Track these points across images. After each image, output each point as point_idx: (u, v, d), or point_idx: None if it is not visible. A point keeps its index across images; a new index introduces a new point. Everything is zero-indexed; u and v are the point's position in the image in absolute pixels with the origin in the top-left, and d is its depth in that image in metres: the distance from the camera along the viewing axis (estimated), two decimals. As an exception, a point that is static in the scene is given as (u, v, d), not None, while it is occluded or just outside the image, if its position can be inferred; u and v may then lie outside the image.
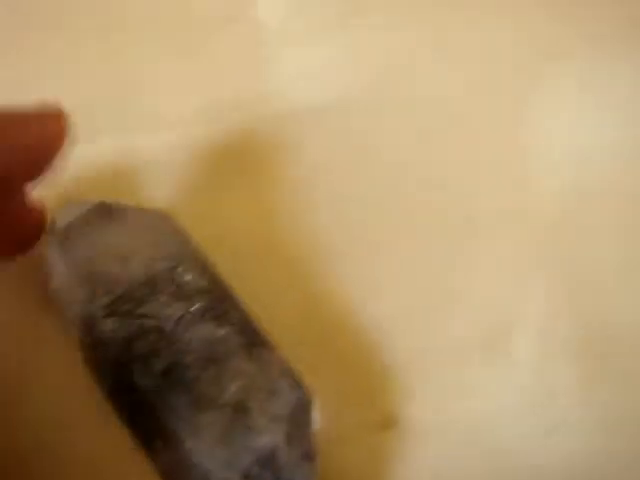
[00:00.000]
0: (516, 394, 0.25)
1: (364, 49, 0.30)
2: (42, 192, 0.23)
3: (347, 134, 0.28)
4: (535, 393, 0.25)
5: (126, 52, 0.29)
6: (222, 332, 0.22)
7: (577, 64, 0.29)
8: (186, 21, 0.30)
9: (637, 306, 0.26)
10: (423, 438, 0.24)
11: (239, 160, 0.28)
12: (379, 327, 0.26)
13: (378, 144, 0.28)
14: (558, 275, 0.27)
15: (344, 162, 0.28)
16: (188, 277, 0.23)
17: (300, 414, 0.22)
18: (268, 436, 0.21)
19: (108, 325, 0.22)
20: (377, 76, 0.29)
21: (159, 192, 0.27)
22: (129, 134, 0.28)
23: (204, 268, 0.23)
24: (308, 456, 0.21)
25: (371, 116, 0.29)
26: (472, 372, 0.26)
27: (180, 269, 0.23)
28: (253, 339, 0.22)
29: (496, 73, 0.29)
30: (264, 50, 0.29)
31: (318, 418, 0.22)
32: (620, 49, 0.29)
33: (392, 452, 0.24)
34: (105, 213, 0.24)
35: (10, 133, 0.20)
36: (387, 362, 0.25)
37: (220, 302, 0.23)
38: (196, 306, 0.22)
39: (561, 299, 0.26)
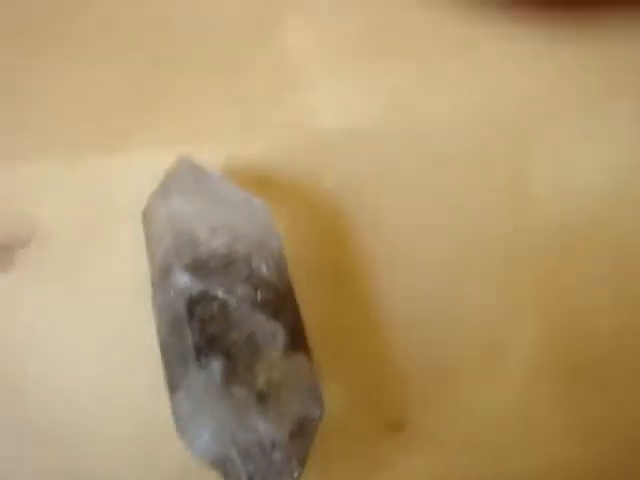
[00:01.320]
0: (505, 409, 0.27)
1: (391, 78, 0.32)
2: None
3: (374, 159, 0.30)
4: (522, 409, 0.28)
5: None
6: (272, 326, 0.24)
7: (573, 115, 0.32)
8: (215, 45, 0.31)
9: (628, 333, 0.29)
10: (426, 444, 0.27)
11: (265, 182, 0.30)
12: (391, 335, 0.28)
13: (401, 169, 0.31)
14: (552, 302, 0.29)
15: (371, 187, 0.30)
16: (262, 267, 0.25)
17: (307, 424, 0.24)
18: (276, 427, 0.23)
19: (183, 279, 0.24)
20: (401, 105, 0.31)
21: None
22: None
23: (277, 264, 0.25)
24: (300, 463, 0.23)
25: (397, 142, 0.31)
26: (466, 387, 0.28)
27: (257, 257, 0.25)
28: (298, 343, 0.24)
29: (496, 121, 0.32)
30: (291, 76, 0.31)
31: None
32: (615, 101, 0.32)
33: (396, 455, 0.26)
34: (215, 182, 0.26)
35: None
36: (397, 368, 0.28)
37: (281, 301, 0.25)
38: (260, 296, 0.24)
39: (553, 325, 0.29)
